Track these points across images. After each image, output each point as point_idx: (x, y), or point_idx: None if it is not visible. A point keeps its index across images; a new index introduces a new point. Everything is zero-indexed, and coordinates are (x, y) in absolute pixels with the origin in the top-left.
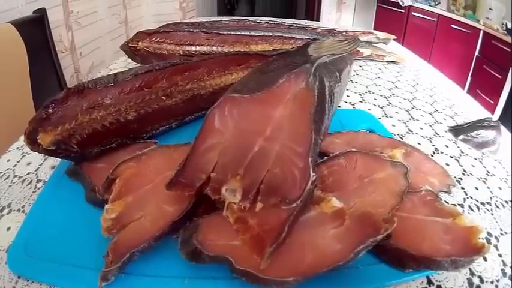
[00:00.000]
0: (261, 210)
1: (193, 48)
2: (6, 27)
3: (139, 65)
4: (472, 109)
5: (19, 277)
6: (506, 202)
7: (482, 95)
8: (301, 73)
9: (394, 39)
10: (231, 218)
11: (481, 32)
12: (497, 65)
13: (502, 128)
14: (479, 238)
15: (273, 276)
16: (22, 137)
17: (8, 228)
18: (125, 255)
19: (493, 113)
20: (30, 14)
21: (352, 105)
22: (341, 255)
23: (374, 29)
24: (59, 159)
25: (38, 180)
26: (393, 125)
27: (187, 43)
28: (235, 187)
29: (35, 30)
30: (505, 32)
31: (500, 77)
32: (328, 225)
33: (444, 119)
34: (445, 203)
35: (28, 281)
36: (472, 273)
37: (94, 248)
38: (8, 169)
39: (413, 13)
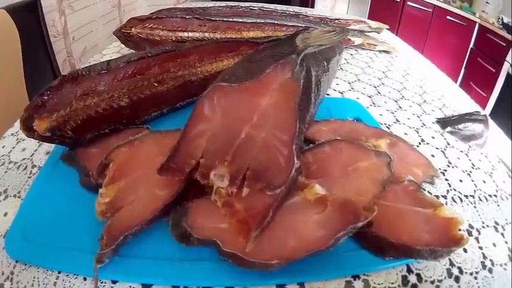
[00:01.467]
0: (247, 195)
1: (186, 34)
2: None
3: (132, 50)
4: (461, 102)
5: (16, 262)
6: (490, 196)
7: (475, 88)
8: (287, 63)
9: (387, 29)
10: (219, 202)
11: (477, 24)
12: (491, 59)
13: (490, 121)
14: (459, 230)
15: (258, 258)
16: (16, 123)
17: (5, 214)
18: (119, 238)
19: (485, 106)
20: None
21: (341, 93)
22: (322, 240)
23: (368, 18)
24: (53, 145)
25: (33, 166)
26: (380, 115)
27: (179, 29)
28: (223, 172)
29: (28, 15)
30: (501, 26)
31: (493, 70)
32: (311, 211)
33: (432, 110)
34: (427, 193)
35: (25, 265)
36: (452, 264)
37: (89, 231)
38: (3, 155)
39: (409, 3)
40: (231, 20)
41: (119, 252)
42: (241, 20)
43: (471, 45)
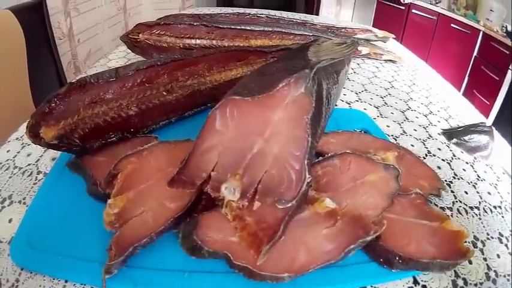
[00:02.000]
0: (258, 208)
1: (193, 41)
2: (5, 14)
3: (139, 56)
4: (467, 112)
5: (22, 269)
6: (495, 207)
7: (479, 96)
8: (301, 78)
9: (392, 38)
10: (230, 215)
11: (481, 32)
12: (495, 67)
13: (495, 133)
14: (465, 242)
15: (269, 272)
16: (21, 128)
17: (10, 220)
18: (128, 250)
19: (488, 114)
20: (28, 1)
21: (349, 104)
22: (332, 254)
23: (373, 25)
24: (59, 152)
25: (39, 172)
26: (388, 126)
27: (187, 36)
28: (234, 186)
29: (33, 16)
30: (505, 34)
31: (497, 78)
32: (321, 225)
33: (438, 121)
34: (433, 206)
35: (31, 272)
36: (457, 275)
37: (96, 240)
38: (7, 160)
39: (414, 10)
40: (238, 27)
41: (128, 263)
42: (248, 28)
43: (475, 53)
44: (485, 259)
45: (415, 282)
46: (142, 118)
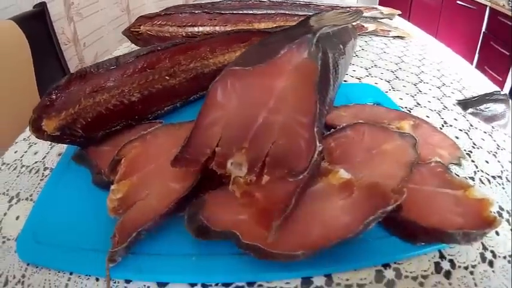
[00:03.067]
0: (267, 183)
1: (196, 29)
2: (8, 24)
3: None
4: (480, 83)
5: (28, 264)
6: None
7: (490, 72)
8: (303, 43)
9: (398, 15)
10: (237, 192)
11: (487, 8)
12: (504, 41)
13: (511, 101)
14: (491, 211)
15: (281, 250)
16: (28, 126)
17: (17, 218)
18: (132, 235)
19: (501, 89)
20: (30, 9)
21: (359, 79)
22: (350, 227)
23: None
24: (65, 147)
25: (45, 168)
26: (400, 99)
27: (189, 24)
28: (241, 160)
29: (36, 24)
30: (511, 8)
31: (507, 53)
32: (337, 197)
33: (452, 93)
34: (454, 175)
35: (37, 267)
36: (485, 248)
37: (102, 230)
38: (15, 160)
39: None
40: (241, 12)
41: (133, 250)
42: (251, 12)
43: (483, 29)
44: None
45: (442, 256)
46: (145, 104)
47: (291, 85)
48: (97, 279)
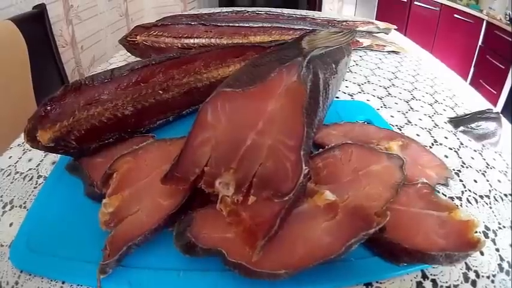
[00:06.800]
0: (253, 203)
1: (192, 40)
2: (6, 24)
3: (139, 58)
4: (473, 100)
5: (21, 272)
6: (505, 195)
7: (486, 85)
8: (293, 66)
9: (395, 29)
10: (225, 211)
11: (484, 22)
12: (500, 56)
13: (503, 119)
14: (475, 232)
15: (265, 268)
16: (23, 134)
17: (11, 224)
18: (122, 248)
19: (495, 104)
20: (29, 10)
21: (351, 95)
22: (333, 248)
23: (376, 19)
24: (59, 156)
25: (39, 176)
26: (392, 116)
27: (185, 36)
28: (229, 180)
29: (35, 26)
30: (508, 22)
31: (503, 67)
32: (321, 218)
33: (444, 110)
34: (441, 196)
35: (30, 275)
36: (468, 268)
37: (93, 241)
38: (9, 166)
39: (416, 2)
40: (237, 25)
41: (123, 263)
42: (247, 25)
43: (480, 43)
44: (497, 250)
45: (424, 276)
46: (138, 118)
47: (279, 108)
48: None
